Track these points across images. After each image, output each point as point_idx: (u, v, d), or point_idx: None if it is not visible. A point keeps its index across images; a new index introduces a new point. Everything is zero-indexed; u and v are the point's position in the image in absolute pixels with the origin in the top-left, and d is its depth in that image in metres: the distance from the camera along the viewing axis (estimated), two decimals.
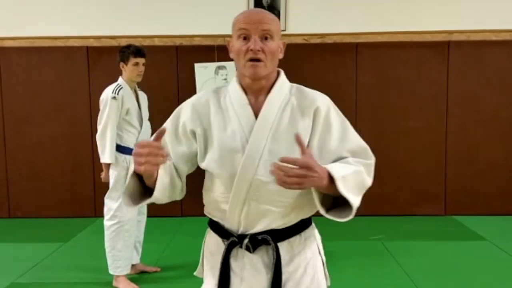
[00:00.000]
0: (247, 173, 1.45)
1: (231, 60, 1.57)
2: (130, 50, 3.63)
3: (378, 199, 5.51)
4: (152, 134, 3.81)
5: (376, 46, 5.50)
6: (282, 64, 1.60)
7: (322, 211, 1.46)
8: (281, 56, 1.54)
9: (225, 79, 5.42)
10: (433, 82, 5.53)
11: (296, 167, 1.31)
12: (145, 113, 3.80)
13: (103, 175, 3.65)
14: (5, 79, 5.59)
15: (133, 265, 3.76)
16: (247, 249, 1.50)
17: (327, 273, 1.65)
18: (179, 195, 1.58)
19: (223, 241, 1.55)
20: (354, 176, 1.45)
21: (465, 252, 4.38)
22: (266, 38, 1.47)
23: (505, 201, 5.57)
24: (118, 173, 3.58)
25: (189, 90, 5.45)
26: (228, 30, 1.62)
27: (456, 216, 5.52)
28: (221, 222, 1.56)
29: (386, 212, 5.52)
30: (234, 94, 1.53)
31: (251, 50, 1.45)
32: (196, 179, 1.64)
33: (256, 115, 1.50)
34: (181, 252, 4.37)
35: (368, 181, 1.53)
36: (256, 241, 1.50)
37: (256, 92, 1.52)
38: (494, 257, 4.24)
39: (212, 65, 5.45)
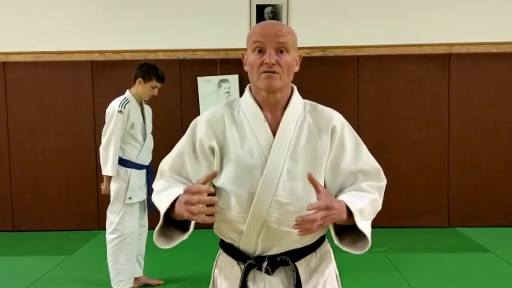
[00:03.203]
0: (266, 194, 1.41)
1: (234, 73, 1.57)
2: (157, 73, 3.68)
3: (380, 211, 5.46)
4: (155, 147, 3.87)
5: (377, 59, 5.55)
6: None
7: (337, 242, 1.47)
8: (297, 69, 1.52)
9: (228, 92, 5.47)
10: (434, 94, 5.56)
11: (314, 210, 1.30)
12: (149, 127, 3.83)
13: (103, 186, 3.68)
14: (11, 93, 5.64)
15: (136, 278, 3.77)
16: (266, 271, 1.46)
17: (340, 286, 1.63)
18: None
19: (238, 263, 1.50)
20: (370, 206, 1.45)
21: (468, 264, 4.37)
22: (281, 51, 1.44)
23: (508, 212, 5.55)
24: (119, 186, 3.60)
25: (192, 103, 5.51)
26: (230, 44, 1.65)
27: (459, 227, 5.50)
28: (235, 244, 1.50)
29: (389, 224, 5.50)
30: (249, 109, 1.49)
31: (266, 63, 1.42)
32: None
33: (273, 132, 1.46)
34: (184, 264, 4.36)
35: (380, 205, 1.52)
36: (274, 263, 1.46)
37: (272, 107, 1.48)
38: (497, 269, 4.22)
39: (215, 79, 5.50)
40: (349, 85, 5.58)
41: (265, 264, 1.45)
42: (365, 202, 1.43)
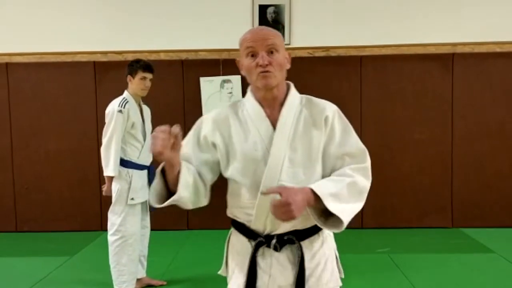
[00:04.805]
0: (272, 181, 1.59)
1: (236, 73, 1.63)
2: (138, 65, 3.68)
3: (384, 211, 5.49)
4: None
5: (380, 59, 5.53)
6: (288, 77, 1.66)
7: (319, 224, 1.59)
8: (288, 66, 1.67)
9: (230, 92, 5.46)
10: (438, 94, 5.54)
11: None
12: (148, 127, 3.82)
13: (105, 188, 3.67)
14: (13, 94, 5.65)
15: (138, 279, 3.76)
16: (275, 248, 1.63)
17: (340, 267, 1.80)
18: (203, 201, 1.68)
19: (249, 241, 1.67)
20: (347, 188, 1.59)
21: (472, 264, 4.35)
22: (272, 52, 1.61)
23: None
24: (121, 187, 3.59)
25: (195, 103, 5.50)
26: (233, 45, 1.68)
27: (463, 228, 5.48)
28: (247, 224, 1.67)
29: (393, 225, 5.50)
30: (251, 107, 1.68)
31: (260, 65, 1.58)
32: None
33: (273, 126, 1.64)
34: (187, 265, 4.36)
35: (366, 184, 1.66)
36: (282, 241, 1.63)
37: (271, 103, 1.66)
38: (502, 269, 4.20)
39: (218, 79, 5.49)
40: (352, 85, 5.56)
41: (273, 241, 1.62)
42: (340, 186, 1.58)
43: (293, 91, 1.70)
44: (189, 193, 1.59)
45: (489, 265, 4.33)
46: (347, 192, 1.58)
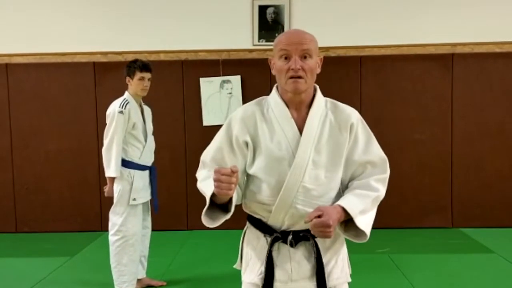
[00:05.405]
0: (295, 180, 1.64)
1: (236, 74, 1.64)
2: (136, 65, 3.67)
3: (384, 211, 5.45)
4: (158, 147, 3.87)
5: (380, 59, 5.53)
6: None
7: (342, 232, 1.69)
8: (318, 70, 1.70)
9: (230, 93, 5.46)
10: (438, 94, 5.54)
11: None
12: (150, 128, 3.82)
13: (106, 189, 3.67)
14: (14, 94, 5.65)
15: (139, 280, 3.76)
16: (290, 244, 1.68)
17: (349, 263, 1.89)
18: (240, 201, 1.76)
19: (264, 236, 1.72)
20: (372, 203, 1.68)
21: (472, 264, 4.35)
22: (305, 57, 1.63)
23: None
24: (123, 188, 3.59)
25: (195, 104, 5.50)
26: (232, 45, 1.68)
27: (463, 228, 5.48)
28: (264, 219, 1.72)
29: (392, 225, 5.49)
30: (277, 107, 1.70)
31: (292, 69, 1.61)
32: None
33: (299, 127, 1.67)
34: (187, 266, 4.36)
35: (383, 194, 1.72)
36: (298, 237, 1.69)
37: (297, 105, 1.69)
38: (502, 269, 4.20)
39: (217, 79, 5.50)
40: (352, 85, 5.56)
41: (290, 237, 1.68)
42: (366, 201, 1.66)
43: (319, 94, 1.73)
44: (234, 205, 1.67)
45: (489, 265, 4.33)
46: (371, 206, 1.68)
